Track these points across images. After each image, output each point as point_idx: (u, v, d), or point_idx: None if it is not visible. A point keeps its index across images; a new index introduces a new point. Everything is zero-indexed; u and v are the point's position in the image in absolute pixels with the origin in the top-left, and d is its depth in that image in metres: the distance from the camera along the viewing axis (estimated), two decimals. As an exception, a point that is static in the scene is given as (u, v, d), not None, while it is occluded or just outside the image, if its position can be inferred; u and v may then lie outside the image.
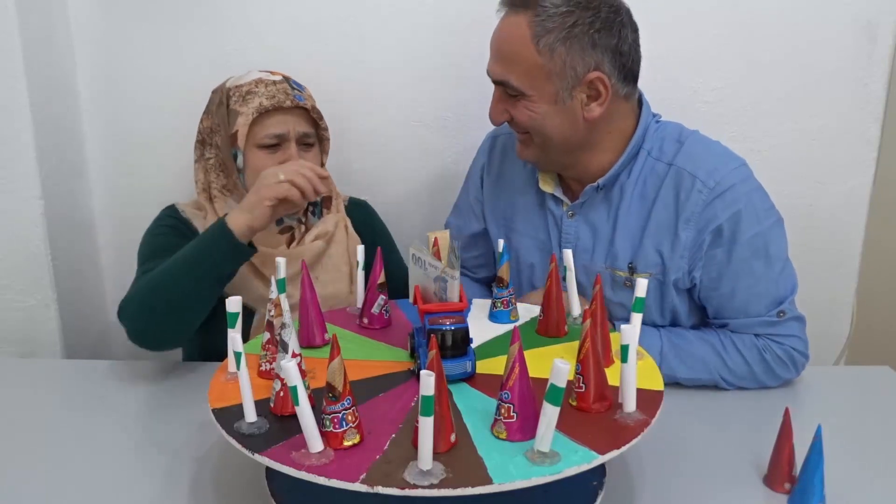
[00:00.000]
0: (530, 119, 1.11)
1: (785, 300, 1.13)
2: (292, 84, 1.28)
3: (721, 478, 0.90)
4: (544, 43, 1.06)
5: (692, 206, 1.10)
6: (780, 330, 1.13)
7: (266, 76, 1.27)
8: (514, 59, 1.09)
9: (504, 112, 1.14)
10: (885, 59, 1.49)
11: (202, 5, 1.50)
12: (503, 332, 0.97)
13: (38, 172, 1.42)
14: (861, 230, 1.60)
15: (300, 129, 1.26)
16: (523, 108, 1.11)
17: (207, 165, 1.32)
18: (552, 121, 1.11)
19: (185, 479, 0.90)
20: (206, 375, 0.87)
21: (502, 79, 1.10)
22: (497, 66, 1.11)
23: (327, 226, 1.32)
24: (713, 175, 1.10)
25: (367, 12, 1.51)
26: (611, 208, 1.18)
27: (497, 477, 0.65)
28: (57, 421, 1.07)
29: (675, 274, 1.13)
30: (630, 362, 0.74)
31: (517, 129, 1.16)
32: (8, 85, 1.37)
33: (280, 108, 1.23)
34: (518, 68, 1.09)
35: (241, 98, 1.24)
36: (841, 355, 1.69)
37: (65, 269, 1.50)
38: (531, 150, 1.17)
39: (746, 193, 1.11)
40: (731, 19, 1.49)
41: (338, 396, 0.69)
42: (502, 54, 1.10)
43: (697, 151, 1.14)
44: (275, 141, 1.24)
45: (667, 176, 1.13)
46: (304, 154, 1.27)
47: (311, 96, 1.31)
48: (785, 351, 1.12)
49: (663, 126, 1.20)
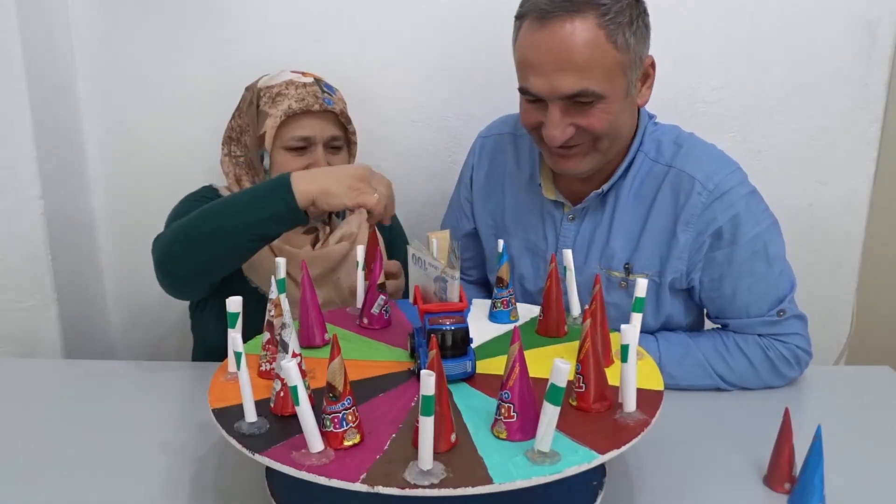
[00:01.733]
0: (608, 123, 1.05)
1: (785, 299, 1.13)
2: (323, 87, 1.27)
3: (721, 478, 0.90)
4: (621, 40, 1.02)
5: (691, 208, 1.10)
6: (783, 329, 1.13)
7: (297, 77, 1.27)
8: (591, 65, 1.01)
9: (569, 126, 1.05)
10: (885, 59, 1.49)
11: (202, 6, 1.50)
12: (503, 332, 0.97)
13: (38, 172, 1.42)
14: (861, 230, 1.60)
15: (328, 132, 1.25)
16: (599, 114, 1.04)
17: (238, 162, 1.31)
18: (624, 117, 1.09)
19: (185, 479, 0.90)
20: (206, 375, 0.87)
21: (580, 89, 1.01)
22: (569, 78, 1.01)
23: (351, 227, 1.32)
24: (712, 178, 1.10)
25: (367, 12, 1.51)
26: (607, 210, 1.18)
27: (497, 477, 0.65)
28: (57, 421, 1.07)
29: (671, 275, 1.14)
30: (630, 362, 0.74)
31: (580, 140, 1.08)
32: (8, 85, 1.37)
33: (308, 111, 1.22)
34: (598, 73, 1.02)
35: (271, 99, 1.23)
36: (841, 355, 1.69)
37: (65, 269, 1.50)
38: (590, 158, 1.10)
39: (744, 196, 1.11)
40: (731, 19, 1.49)
41: (338, 396, 0.69)
42: (576, 63, 1.01)
43: (696, 154, 1.14)
44: (301, 144, 1.23)
45: (665, 178, 1.13)
46: (332, 158, 1.26)
47: (342, 99, 1.31)
48: (789, 350, 1.12)
49: (660, 128, 1.19)
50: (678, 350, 1.13)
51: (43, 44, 1.43)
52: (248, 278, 1.26)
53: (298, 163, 1.23)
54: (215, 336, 1.28)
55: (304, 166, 1.22)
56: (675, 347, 1.13)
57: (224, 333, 0.81)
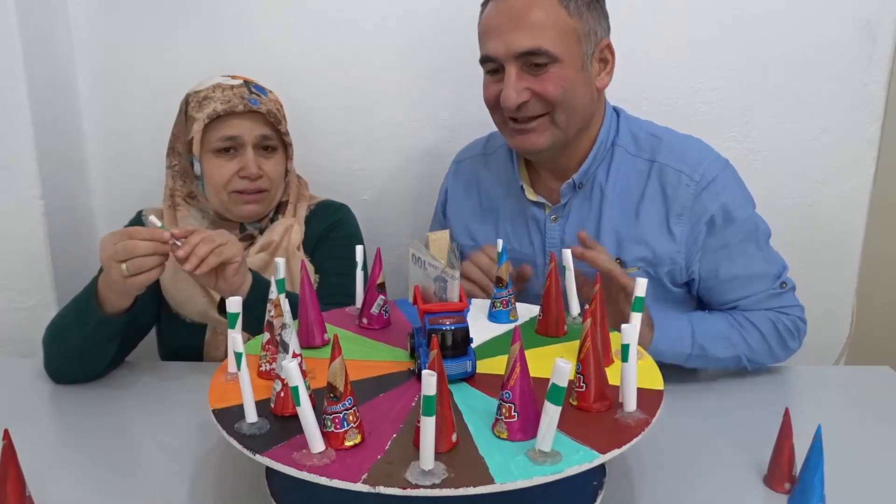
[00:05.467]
0: (562, 88, 1.08)
1: (783, 272, 1.17)
2: (252, 88, 1.25)
3: (721, 478, 0.90)
4: (573, 7, 1.07)
5: (682, 200, 1.13)
6: (786, 301, 1.17)
7: (225, 81, 1.25)
8: (544, 24, 1.06)
9: (524, 90, 1.08)
10: (885, 59, 1.49)
11: (202, 6, 1.50)
12: (503, 332, 0.97)
13: (38, 172, 1.42)
14: (861, 230, 1.60)
15: (257, 132, 1.22)
16: (554, 78, 1.07)
17: (175, 172, 1.30)
18: (580, 90, 1.10)
19: (185, 479, 0.90)
20: (206, 375, 0.87)
21: (533, 46, 1.05)
22: (523, 35, 1.06)
23: (272, 235, 1.27)
24: (697, 168, 1.13)
25: (367, 12, 1.51)
26: (592, 208, 1.18)
27: (499, 476, 0.65)
28: (57, 421, 1.07)
29: (667, 266, 1.15)
30: (630, 361, 0.74)
31: (536, 110, 1.10)
32: (8, 85, 1.37)
33: (233, 112, 1.20)
34: (551, 31, 1.06)
35: (199, 104, 1.22)
36: (841, 355, 1.69)
37: (65, 269, 1.50)
38: (549, 133, 1.12)
39: (729, 182, 1.14)
40: (731, 19, 1.49)
41: (339, 397, 0.69)
42: (529, 21, 1.05)
43: (678, 146, 1.16)
44: (228, 144, 1.21)
45: (651, 172, 1.15)
46: (264, 160, 1.24)
47: (276, 100, 1.28)
48: (792, 321, 1.16)
49: (633, 120, 1.21)
50: (705, 325, 1.13)
51: (43, 44, 1.43)
52: (178, 314, 1.28)
53: (229, 167, 1.21)
54: (168, 340, 1.35)
55: (236, 170, 1.21)
56: (703, 322, 1.14)
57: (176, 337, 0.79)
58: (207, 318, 1.25)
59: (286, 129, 1.27)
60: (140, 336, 1.28)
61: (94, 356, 1.14)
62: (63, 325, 1.14)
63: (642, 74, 1.51)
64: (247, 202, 1.24)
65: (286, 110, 1.30)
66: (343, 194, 1.46)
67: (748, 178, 1.19)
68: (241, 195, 1.23)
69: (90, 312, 1.10)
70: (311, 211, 1.35)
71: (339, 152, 1.60)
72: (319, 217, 1.35)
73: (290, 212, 1.32)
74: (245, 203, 1.24)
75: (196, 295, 1.24)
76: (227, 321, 0.81)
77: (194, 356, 1.28)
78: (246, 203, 1.24)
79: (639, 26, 1.49)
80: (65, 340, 1.13)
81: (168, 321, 1.30)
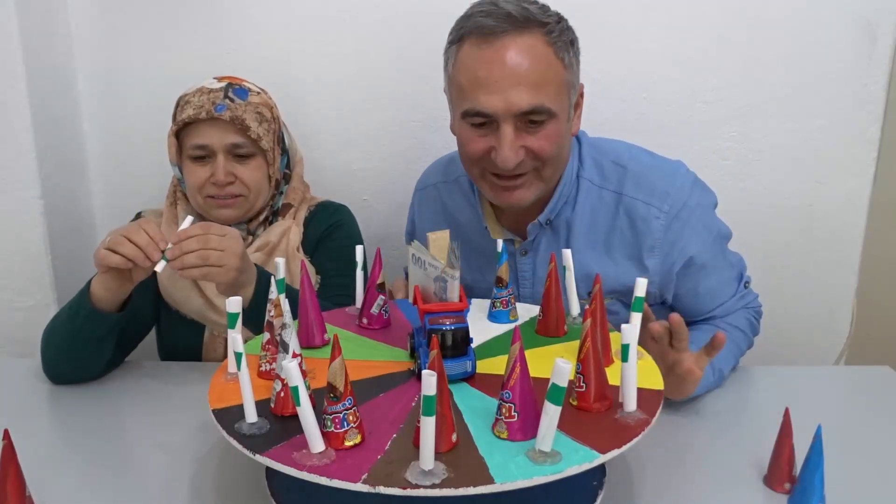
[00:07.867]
0: (556, 145, 1.03)
1: (743, 271, 1.21)
2: (230, 92, 1.21)
3: (721, 478, 0.90)
4: (567, 59, 1.01)
5: (654, 233, 1.10)
6: (749, 297, 1.22)
7: (210, 83, 1.23)
8: (544, 80, 0.99)
9: (520, 148, 1.02)
10: (885, 59, 1.49)
11: (202, 6, 1.50)
12: (503, 332, 0.97)
13: (38, 172, 1.42)
14: (861, 230, 1.60)
15: (227, 140, 1.19)
16: (550, 134, 1.01)
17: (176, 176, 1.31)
18: (565, 141, 1.07)
19: (185, 479, 0.90)
20: (206, 375, 0.87)
21: (535, 105, 0.98)
22: (525, 93, 0.98)
23: (270, 236, 1.27)
24: (666, 200, 1.09)
25: (367, 12, 1.51)
26: (560, 242, 1.15)
27: (499, 476, 0.65)
28: (57, 421, 1.07)
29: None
30: (630, 362, 0.74)
31: (526, 167, 1.04)
32: (8, 85, 1.37)
33: (199, 119, 1.19)
34: (551, 89, 1.00)
35: (181, 108, 1.22)
36: (841, 355, 1.69)
37: (65, 269, 1.50)
38: (534, 188, 1.07)
39: (696, 202, 1.11)
40: (730, 19, 1.49)
41: (339, 397, 0.69)
42: (530, 79, 0.98)
43: (642, 175, 1.11)
44: (200, 153, 1.21)
45: (619, 207, 1.12)
46: (239, 167, 1.21)
47: (262, 103, 1.24)
48: (757, 311, 1.23)
49: (595, 146, 1.16)
50: None
51: (43, 43, 1.43)
52: (179, 311, 1.28)
53: (202, 173, 1.21)
54: (166, 340, 1.35)
55: (208, 176, 1.20)
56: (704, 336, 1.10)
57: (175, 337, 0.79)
58: (205, 319, 1.26)
59: (259, 134, 1.21)
60: (140, 336, 1.28)
61: (84, 352, 1.13)
62: (57, 320, 1.15)
63: (642, 74, 1.51)
64: (220, 206, 1.23)
65: (286, 110, 1.30)
66: (343, 194, 1.46)
67: (748, 178, 1.19)
68: (214, 200, 1.23)
69: (81, 306, 1.10)
70: (311, 212, 1.35)
71: (339, 153, 1.60)
72: (319, 218, 1.34)
73: (290, 214, 1.32)
74: (219, 207, 1.23)
75: (193, 295, 1.24)
76: (225, 322, 0.81)
77: (194, 356, 1.28)
78: (220, 207, 1.23)
79: (639, 26, 1.49)
80: (56, 334, 1.14)
81: (167, 320, 1.30)
